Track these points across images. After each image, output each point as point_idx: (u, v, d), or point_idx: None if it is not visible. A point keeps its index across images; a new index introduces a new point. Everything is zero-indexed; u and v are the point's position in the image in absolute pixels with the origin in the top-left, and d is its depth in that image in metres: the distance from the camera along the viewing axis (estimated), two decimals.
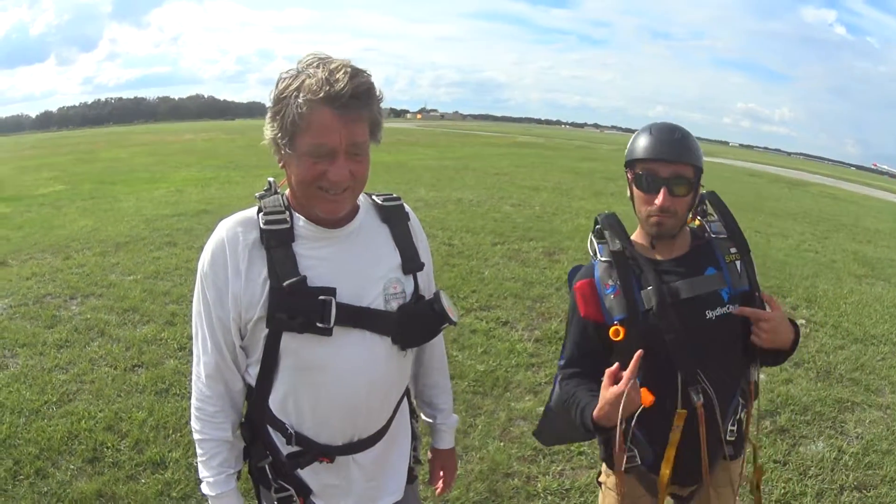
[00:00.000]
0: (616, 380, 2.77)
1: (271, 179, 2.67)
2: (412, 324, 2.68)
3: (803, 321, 10.63)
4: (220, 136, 62.06)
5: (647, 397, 2.79)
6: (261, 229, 2.51)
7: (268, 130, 2.42)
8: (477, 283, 11.15)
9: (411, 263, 2.75)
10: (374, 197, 2.82)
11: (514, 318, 9.74)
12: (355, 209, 2.67)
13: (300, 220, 2.55)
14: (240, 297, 2.48)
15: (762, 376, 6.48)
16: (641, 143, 3.08)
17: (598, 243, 3.22)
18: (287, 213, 2.54)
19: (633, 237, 3.25)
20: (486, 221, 16.71)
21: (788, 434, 6.90)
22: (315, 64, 2.34)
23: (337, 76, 2.28)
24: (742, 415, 3.33)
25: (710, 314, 3.05)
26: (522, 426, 6.68)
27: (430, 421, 3.30)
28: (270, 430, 2.67)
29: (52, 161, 39.91)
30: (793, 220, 24.31)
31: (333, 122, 2.29)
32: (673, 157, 3.01)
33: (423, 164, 35.15)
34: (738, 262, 3.14)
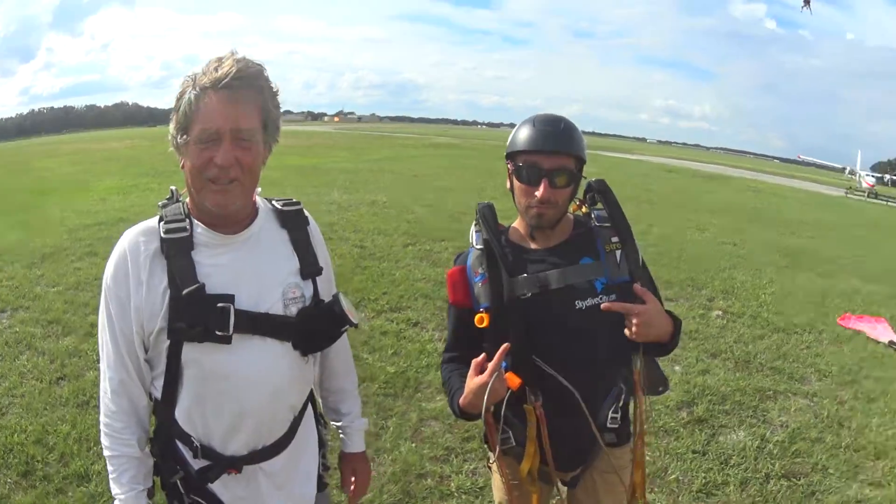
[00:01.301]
0: (481, 370, 2.88)
1: (173, 188, 2.66)
2: (312, 328, 2.68)
3: (719, 312, 10.90)
4: (143, 142, 61.05)
5: (513, 381, 2.89)
6: (161, 238, 2.50)
7: (170, 128, 2.47)
8: (388, 285, 11.17)
9: (310, 268, 2.75)
10: (273, 202, 2.82)
11: (424, 318, 9.79)
12: (253, 214, 2.68)
13: (199, 228, 2.54)
14: (141, 308, 2.46)
15: (677, 368, 6.65)
16: (523, 134, 3.05)
17: (475, 231, 3.23)
18: (187, 220, 2.54)
19: (514, 224, 3.29)
20: (399, 223, 16.73)
21: (707, 424, 6.99)
22: (211, 60, 2.43)
23: (224, 62, 2.38)
24: (628, 402, 3.28)
25: (579, 304, 3.02)
26: (434, 426, 6.70)
27: (339, 425, 3.24)
28: (179, 444, 2.63)
29: None
30: (710, 213, 24.58)
31: (219, 106, 2.35)
32: (554, 148, 3.00)
33: (338, 166, 34.92)
34: (618, 252, 3.08)
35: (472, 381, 2.90)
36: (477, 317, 3.06)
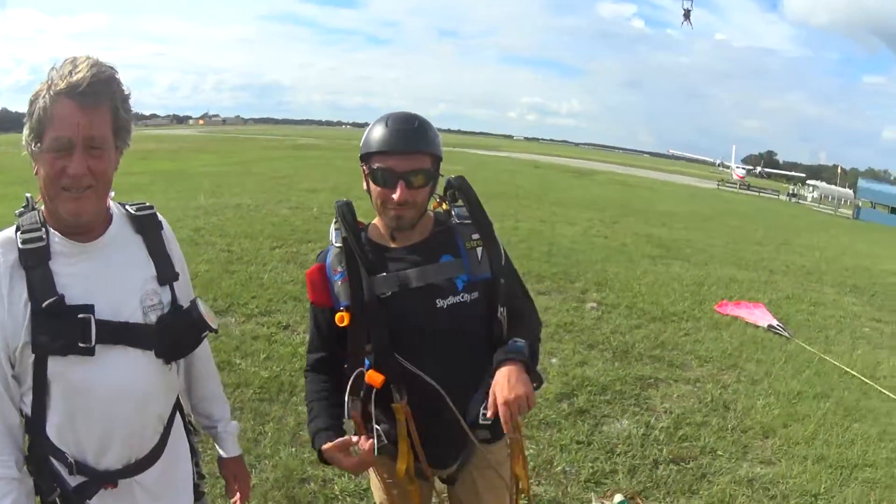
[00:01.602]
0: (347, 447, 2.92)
1: (28, 195, 2.59)
2: (173, 335, 2.64)
3: (594, 304, 11.03)
4: (11, 149, 59.74)
5: (375, 378, 2.98)
6: (19, 249, 2.41)
7: (24, 133, 2.39)
8: (256, 289, 11.06)
9: (166, 273, 2.71)
10: (126, 207, 2.76)
11: (294, 321, 9.71)
12: (108, 220, 2.62)
13: (55, 237, 2.47)
14: (5, 323, 2.38)
15: (554, 360, 6.64)
16: (376, 134, 3.02)
17: (334, 229, 3.19)
18: (43, 229, 2.46)
19: (374, 222, 3.26)
20: (265, 226, 16.63)
21: (589, 414, 7.07)
22: (66, 62, 2.36)
23: (78, 67, 2.31)
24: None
25: (440, 303, 3.06)
26: None
27: (212, 431, 3.21)
28: (53, 461, 2.54)
29: None
30: (579, 208, 24.95)
31: (72, 113, 2.29)
32: (410, 148, 2.97)
33: (204, 170, 34.44)
34: (479, 249, 3.12)
35: (342, 461, 2.94)
36: (337, 315, 3.05)
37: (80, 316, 2.40)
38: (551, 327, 9.65)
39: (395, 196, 2.95)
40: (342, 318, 3.02)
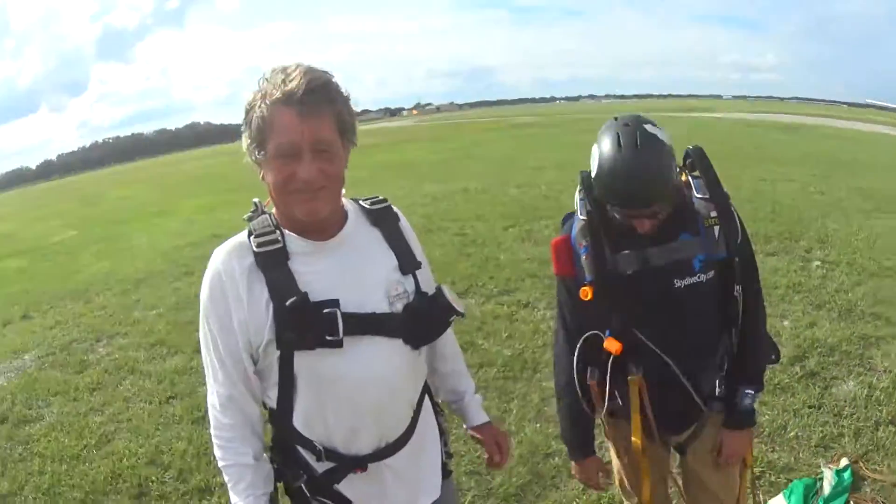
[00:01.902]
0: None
1: (256, 200, 2.65)
2: (420, 321, 2.66)
3: (818, 262, 10.63)
4: (223, 159, 61.98)
5: (613, 344, 3.07)
6: (254, 253, 2.48)
7: (244, 143, 2.43)
8: (494, 269, 11.13)
9: (408, 263, 2.72)
10: (361, 202, 2.80)
11: (534, 298, 9.72)
12: (344, 217, 2.65)
13: (291, 237, 2.52)
14: (246, 323, 2.45)
15: (786, 323, 6.45)
16: (609, 188, 2.93)
17: (579, 199, 3.17)
18: (277, 231, 2.51)
19: None
20: (495, 207, 16.72)
21: (819, 377, 6.84)
22: (275, 71, 2.37)
23: (292, 75, 2.31)
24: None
25: (678, 283, 3.05)
26: (556, 405, 6.53)
27: (458, 405, 3.23)
28: (300, 449, 2.64)
29: (60, 208, 40.08)
30: (793, 164, 24.09)
31: (294, 120, 2.30)
32: (647, 205, 2.90)
33: (426, 158, 35.14)
34: (716, 228, 3.05)
35: (588, 480, 3.63)
36: (582, 290, 3.08)
37: (325, 311, 2.44)
38: (781, 289, 9.43)
39: (641, 230, 2.97)
40: (586, 293, 3.06)
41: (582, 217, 3.11)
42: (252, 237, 2.50)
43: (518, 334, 8.47)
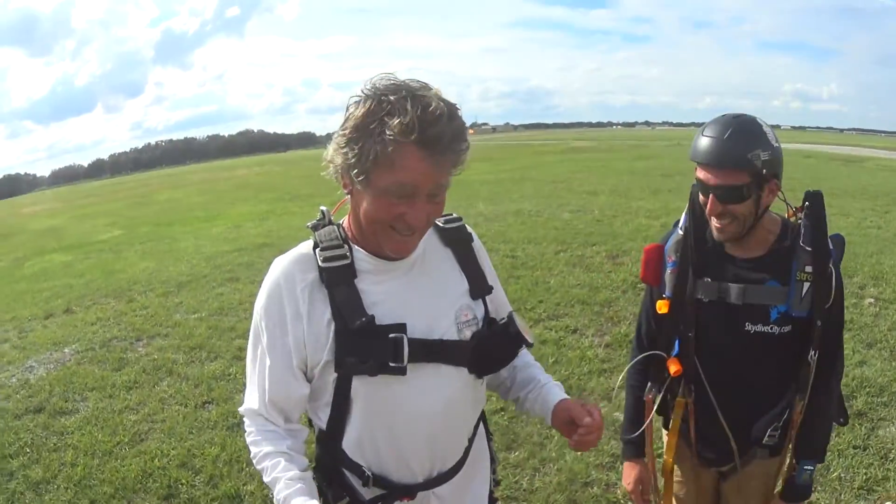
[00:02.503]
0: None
1: (324, 209, 2.49)
2: (488, 350, 2.53)
3: (871, 300, 10.41)
4: (274, 168, 62.42)
5: (674, 366, 3.14)
6: (319, 268, 2.35)
7: (338, 157, 2.20)
8: (543, 293, 11.04)
9: (480, 287, 2.60)
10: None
11: (582, 325, 9.64)
12: None
13: (360, 254, 2.38)
14: (302, 341, 2.33)
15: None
16: (696, 142, 2.95)
17: (685, 214, 3.14)
18: (346, 246, 2.38)
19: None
20: (548, 230, 16.60)
21: (866, 417, 6.71)
22: (402, 94, 2.09)
23: (432, 118, 2.06)
24: (786, 421, 3.20)
25: (749, 327, 3.01)
26: None
27: (535, 392, 2.85)
28: (347, 473, 2.53)
29: (109, 207, 40.58)
30: (851, 197, 23.76)
31: (422, 165, 2.10)
32: (717, 163, 2.86)
33: (479, 178, 34.87)
34: (806, 283, 2.92)
35: (633, 489, 3.58)
36: (659, 302, 3.15)
37: (391, 336, 2.32)
38: None
39: (707, 209, 2.96)
40: (661, 307, 3.13)
41: (680, 231, 3.14)
42: (318, 250, 2.38)
43: (565, 360, 8.38)
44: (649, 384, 3.35)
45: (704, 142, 2.88)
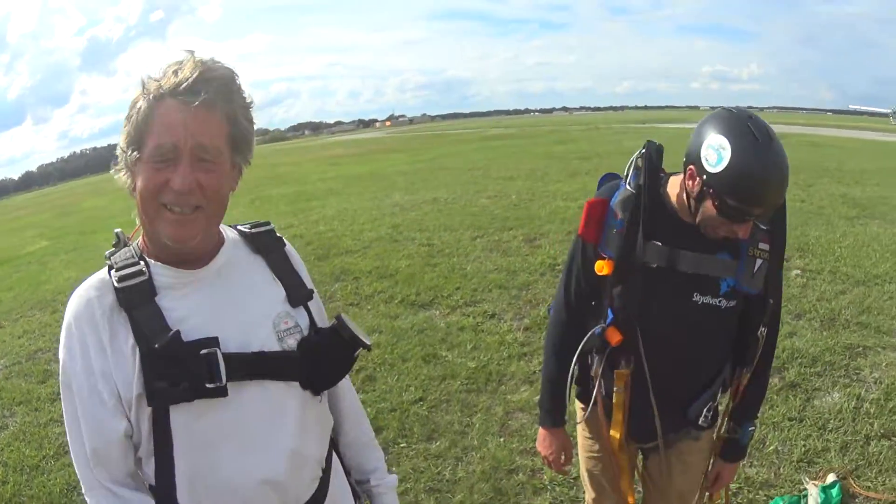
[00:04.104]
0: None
1: (118, 231, 2.28)
2: (320, 359, 2.30)
3: (798, 271, 10.58)
4: None
5: (614, 335, 2.99)
6: (115, 289, 2.08)
7: (119, 147, 2.08)
8: (460, 280, 11.01)
9: (298, 293, 2.38)
10: (240, 227, 2.43)
11: (500, 309, 9.61)
12: (219, 244, 2.29)
13: (158, 268, 2.13)
14: (110, 375, 2.03)
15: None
16: (747, 182, 2.58)
17: (633, 169, 2.95)
18: (141, 262, 2.13)
19: (669, 187, 2.97)
20: (464, 217, 16.55)
21: (800, 388, 6.75)
22: (168, 64, 2.04)
23: (185, 65, 2.00)
24: (720, 403, 3.29)
25: (697, 297, 2.90)
26: (521, 418, 6.56)
27: (363, 486, 2.73)
28: None
29: (36, 219, 39.97)
30: None
31: (177, 116, 1.97)
32: (776, 205, 2.71)
33: (396, 169, 34.97)
34: (759, 261, 2.87)
35: (549, 452, 3.52)
36: (599, 262, 2.95)
37: (203, 352, 2.05)
38: None
39: (741, 234, 2.73)
40: (602, 267, 2.93)
41: (630, 188, 2.93)
42: (112, 271, 2.12)
43: (483, 346, 8.35)
44: (595, 357, 3.17)
45: (763, 188, 2.59)
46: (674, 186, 2.96)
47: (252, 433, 2.14)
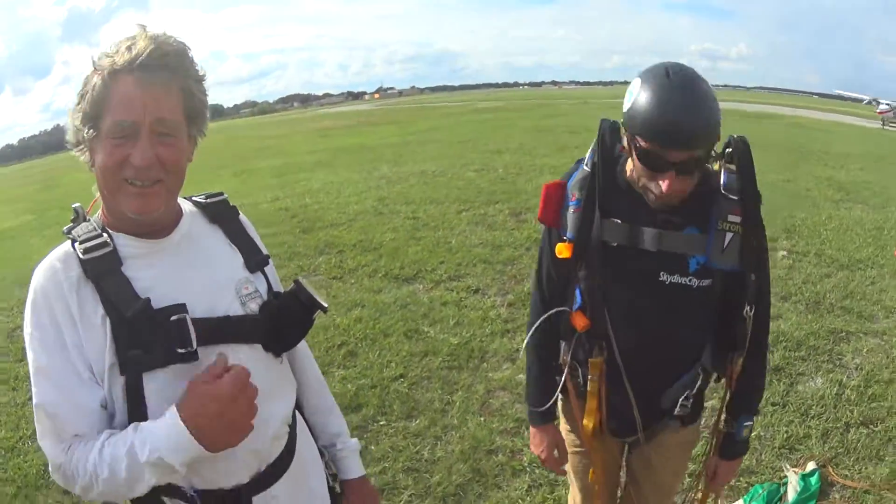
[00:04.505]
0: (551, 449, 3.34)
1: (77, 206, 2.25)
2: (281, 322, 2.36)
3: (785, 252, 10.61)
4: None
5: (580, 321, 2.86)
6: (81, 261, 2.07)
7: (70, 122, 2.08)
8: (445, 254, 11.00)
9: (255, 260, 2.44)
10: (195, 198, 2.47)
11: (484, 284, 9.62)
12: (178, 215, 2.31)
13: (121, 239, 2.14)
14: (82, 347, 2.03)
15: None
16: (649, 116, 2.51)
17: (591, 149, 2.87)
18: (104, 234, 2.13)
19: (627, 165, 2.80)
20: (450, 190, 16.56)
21: (784, 373, 6.73)
22: (121, 40, 2.04)
23: (138, 40, 2.00)
24: (705, 389, 3.10)
25: (664, 276, 2.75)
26: (502, 397, 6.53)
27: (329, 450, 2.82)
28: (167, 501, 2.20)
29: (18, 193, 39.63)
30: (760, 152, 24.11)
31: (135, 92, 1.98)
32: (688, 145, 2.50)
33: (384, 142, 34.87)
34: (730, 234, 2.68)
35: (544, 453, 3.37)
36: (559, 245, 2.84)
37: (173, 318, 2.08)
38: None
39: (664, 188, 2.56)
40: (562, 250, 2.83)
41: (586, 167, 2.86)
42: (76, 244, 2.11)
43: (466, 321, 8.33)
44: (563, 344, 3.06)
45: (669, 121, 2.48)
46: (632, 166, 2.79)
47: None
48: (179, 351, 2.08)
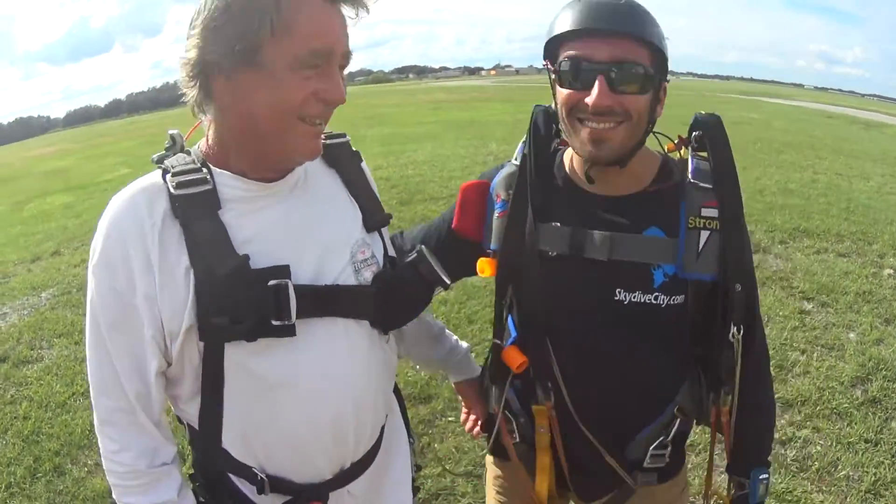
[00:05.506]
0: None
1: (174, 132, 1.96)
2: (394, 297, 2.03)
3: (891, 270, 9.83)
4: None
5: (514, 358, 2.23)
6: (171, 196, 1.77)
7: (193, 52, 1.73)
8: None
9: (375, 217, 2.12)
10: None
11: None
12: None
13: (224, 177, 1.84)
14: (155, 300, 1.74)
15: (852, 335, 5.79)
16: (567, 13, 2.05)
17: (522, 141, 2.34)
18: (204, 168, 1.83)
19: (566, 156, 2.35)
20: None
21: (881, 406, 6.07)
22: None
23: None
24: (686, 433, 2.42)
25: (621, 295, 2.15)
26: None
27: (449, 359, 2.63)
28: (233, 478, 1.98)
29: (120, 147, 40.45)
30: (872, 161, 23.29)
31: (331, 15, 1.72)
32: (616, 27, 1.98)
33: (496, 119, 34.74)
34: (704, 233, 2.10)
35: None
36: (481, 261, 2.30)
37: (271, 283, 1.79)
38: (850, 295, 8.54)
39: (592, 97, 1.99)
40: (483, 268, 2.28)
41: (514, 161, 2.35)
42: (168, 175, 1.80)
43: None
44: (493, 389, 2.46)
45: (589, 5, 2.01)
46: (574, 155, 2.27)
47: (318, 377, 1.90)
48: (274, 323, 1.80)
